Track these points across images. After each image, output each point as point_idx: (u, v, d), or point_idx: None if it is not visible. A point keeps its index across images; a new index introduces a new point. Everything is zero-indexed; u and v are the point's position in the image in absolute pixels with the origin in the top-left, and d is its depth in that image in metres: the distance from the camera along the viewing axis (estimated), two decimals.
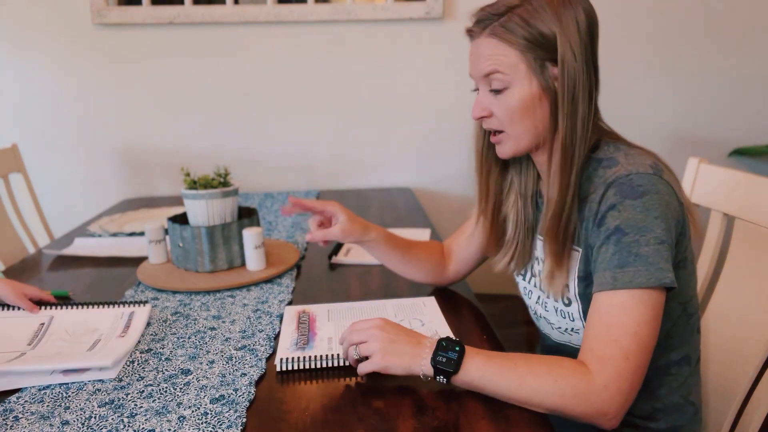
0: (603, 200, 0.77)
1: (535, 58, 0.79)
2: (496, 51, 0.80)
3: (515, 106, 0.81)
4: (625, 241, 0.74)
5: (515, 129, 0.83)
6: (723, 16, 2.04)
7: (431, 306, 1.02)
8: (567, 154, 0.80)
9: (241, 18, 1.92)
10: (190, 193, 1.17)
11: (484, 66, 0.82)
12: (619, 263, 0.73)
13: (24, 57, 1.92)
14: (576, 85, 0.78)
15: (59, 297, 1.12)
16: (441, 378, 0.74)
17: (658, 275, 0.72)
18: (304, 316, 0.98)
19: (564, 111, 0.79)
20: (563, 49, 0.78)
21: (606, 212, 0.76)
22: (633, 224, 0.74)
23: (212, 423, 0.69)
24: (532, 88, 0.80)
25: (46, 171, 2.01)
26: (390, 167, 2.10)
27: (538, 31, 0.78)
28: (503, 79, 0.81)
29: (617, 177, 0.77)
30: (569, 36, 0.78)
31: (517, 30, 0.79)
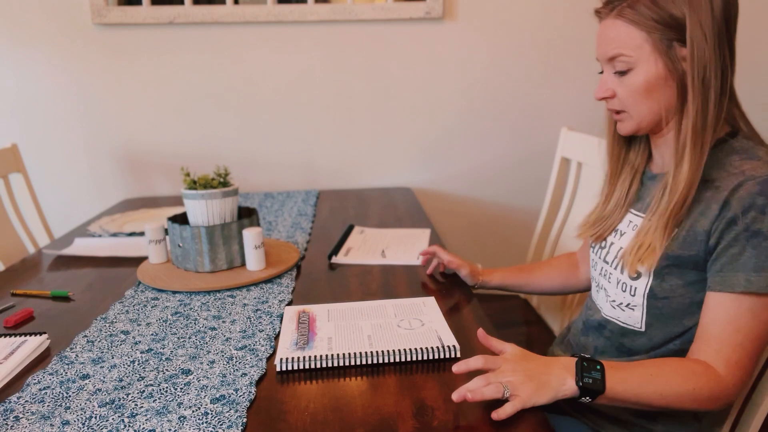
0: (739, 194, 0.76)
1: (662, 39, 0.79)
2: (622, 32, 0.82)
3: (639, 86, 0.82)
4: (765, 246, 0.74)
5: (637, 109, 0.85)
6: None
7: (431, 306, 1.02)
8: (698, 137, 0.79)
9: (241, 18, 1.92)
10: (190, 193, 1.17)
11: (609, 49, 0.84)
12: (755, 267, 0.74)
13: (24, 57, 1.92)
14: (707, 67, 0.78)
15: (59, 297, 1.12)
16: (586, 398, 0.74)
17: None
18: (304, 316, 0.98)
19: (694, 92, 0.79)
20: (693, 30, 0.77)
21: (748, 210, 0.75)
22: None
23: (213, 423, 0.70)
24: (658, 69, 0.81)
25: (46, 171, 2.01)
26: (390, 167, 2.10)
27: (667, 13, 0.78)
28: (627, 61, 0.82)
29: (764, 175, 0.75)
30: (700, 17, 0.77)
31: (645, 11, 0.79)
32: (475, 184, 2.12)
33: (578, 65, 2.05)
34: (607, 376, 0.74)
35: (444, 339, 0.88)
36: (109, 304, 1.08)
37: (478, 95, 2.04)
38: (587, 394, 0.73)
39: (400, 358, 0.83)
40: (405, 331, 0.91)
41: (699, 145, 0.79)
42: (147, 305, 1.07)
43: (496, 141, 2.08)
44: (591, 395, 0.73)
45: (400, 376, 0.80)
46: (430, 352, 0.84)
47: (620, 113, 0.88)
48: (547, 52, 2.03)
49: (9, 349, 0.89)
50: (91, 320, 1.01)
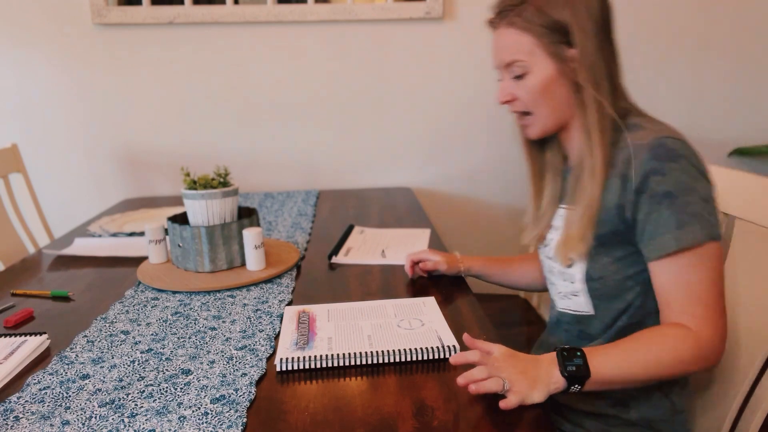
0: (634, 166, 0.81)
1: (551, 43, 0.86)
2: (514, 39, 0.88)
3: (537, 88, 0.88)
4: (679, 203, 0.78)
5: (539, 109, 0.90)
6: (723, 16, 2.04)
7: (431, 306, 1.02)
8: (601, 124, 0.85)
9: (241, 18, 1.92)
10: (190, 193, 1.17)
11: (505, 56, 0.90)
12: (678, 225, 0.77)
13: (24, 57, 1.92)
14: (595, 63, 0.85)
15: (59, 297, 1.12)
16: (575, 387, 0.74)
17: (712, 231, 0.77)
18: (304, 316, 0.98)
19: (588, 87, 0.85)
20: (577, 32, 0.84)
21: (647, 177, 0.80)
22: (682, 186, 0.78)
23: (213, 423, 0.70)
24: (551, 70, 0.87)
25: (46, 171, 2.01)
26: (390, 167, 2.10)
27: (552, 18, 0.85)
28: (523, 66, 0.88)
29: (650, 141, 0.81)
30: (581, 20, 0.84)
31: (532, 18, 0.86)
32: (475, 184, 2.12)
33: None
34: (589, 360, 0.75)
35: (444, 339, 0.88)
36: (109, 304, 1.08)
37: (478, 95, 2.04)
38: (574, 382, 0.73)
39: (400, 358, 0.83)
40: (405, 331, 0.91)
41: (604, 131, 0.86)
42: (147, 305, 1.07)
43: (496, 141, 2.08)
44: (578, 382, 0.74)
45: (400, 376, 0.80)
46: (430, 352, 0.84)
47: (525, 116, 0.93)
48: None
49: (9, 349, 0.89)
50: (91, 320, 1.01)
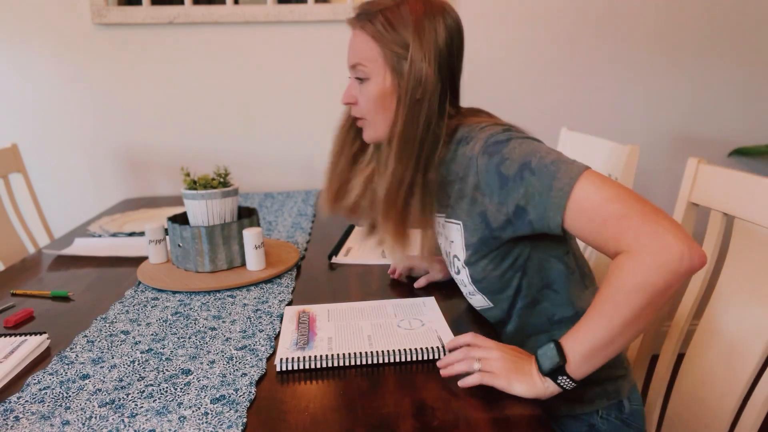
0: (481, 169, 0.84)
1: (393, 57, 0.88)
2: (363, 44, 0.91)
3: (373, 96, 0.91)
4: (534, 166, 0.78)
5: (373, 117, 0.93)
6: (723, 16, 2.04)
7: (431, 306, 1.02)
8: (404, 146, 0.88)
9: (241, 18, 1.92)
10: (190, 193, 1.17)
11: (353, 57, 0.94)
12: (549, 181, 0.76)
13: (24, 57, 1.92)
14: (419, 87, 0.87)
15: (59, 297, 1.12)
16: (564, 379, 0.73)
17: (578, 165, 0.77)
18: (304, 316, 0.98)
19: (403, 105, 0.88)
20: (413, 54, 0.86)
21: (498, 170, 0.81)
22: (525, 153, 0.80)
23: (213, 423, 0.70)
24: (386, 83, 0.90)
25: (46, 171, 2.01)
26: None
27: (397, 34, 0.88)
28: (365, 71, 0.91)
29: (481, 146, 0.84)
30: (424, 41, 0.86)
31: (381, 29, 0.89)
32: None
33: (578, 65, 2.05)
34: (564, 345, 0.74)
35: (444, 339, 0.88)
36: (109, 304, 1.08)
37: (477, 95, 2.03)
38: (558, 373, 0.73)
39: (400, 358, 0.83)
40: (405, 331, 0.91)
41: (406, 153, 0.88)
42: (147, 305, 1.07)
43: None
44: (560, 372, 0.73)
45: (400, 376, 0.80)
46: (430, 352, 0.84)
47: (360, 120, 0.96)
48: (546, 52, 2.03)
49: (9, 349, 0.89)
50: (91, 320, 1.01)
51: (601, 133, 1.95)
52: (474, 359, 0.76)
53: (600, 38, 2.04)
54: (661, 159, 2.15)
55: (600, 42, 2.04)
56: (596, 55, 2.05)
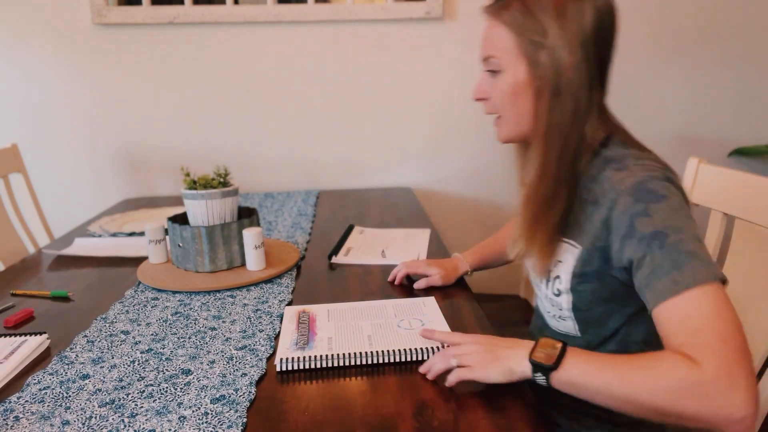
0: (618, 210, 0.76)
1: (529, 45, 0.80)
2: (496, 33, 0.83)
3: (506, 90, 0.84)
4: (670, 242, 0.70)
5: (507, 113, 0.86)
6: (723, 16, 2.04)
7: (431, 306, 1.02)
8: (549, 145, 0.80)
9: (241, 18, 1.92)
10: (190, 193, 1.17)
11: (485, 49, 0.86)
12: (674, 265, 0.69)
13: (24, 57, 1.92)
14: (563, 78, 0.78)
15: (58, 297, 1.12)
16: (541, 377, 0.70)
17: (714, 270, 0.68)
18: (304, 316, 0.98)
19: (546, 101, 0.80)
20: (554, 41, 0.78)
21: (633, 221, 0.74)
22: (670, 224, 0.71)
23: (213, 423, 0.70)
24: (522, 74, 0.82)
25: (46, 171, 2.01)
26: (390, 167, 2.10)
27: (536, 18, 0.79)
28: (497, 62, 0.84)
29: (632, 185, 0.75)
30: (566, 28, 0.77)
31: (517, 15, 0.80)
32: (475, 184, 2.12)
33: None
34: (566, 356, 0.70)
35: None
36: (109, 304, 1.08)
37: None
38: (539, 371, 0.70)
39: (400, 358, 0.83)
40: (405, 331, 0.91)
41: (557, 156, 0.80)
42: (147, 305, 1.07)
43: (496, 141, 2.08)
44: (543, 372, 0.70)
45: (400, 376, 0.80)
46: (430, 352, 0.84)
47: (497, 120, 0.90)
48: None
49: (9, 349, 0.89)
50: (91, 320, 1.01)
51: None
52: (450, 356, 0.77)
53: None
54: None
55: None
56: None
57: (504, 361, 0.73)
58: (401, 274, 1.14)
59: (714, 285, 0.67)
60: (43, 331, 0.97)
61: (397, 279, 1.14)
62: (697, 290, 0.67)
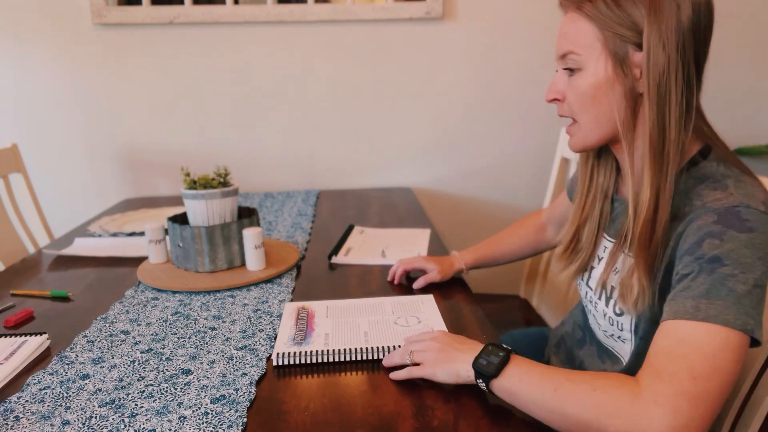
0: (696, 224, 0.68)
1: (616, 40, 0.72)
2: (577, 27, 0.75)
3: (585, 89, 0.75)
4: (722, 272, 0.64)
5: (584, 118, 0.78)
6: (723, 16, 2.04)
7: (429, 304, 1.02)
8: (657, 152, 0.71)
9: (241, 18, 1.92)
10: (190, 193, 1.17)
11: (563, 45, 0.77)
12: (707, 293, 0.64)
13: (24, 57, 1.92)
14: (664, 77, 0.70)
15: (58, 298, 1.12)
16: (481, 383, 0.71)
17: (746, 319, 0.62)
18: (303, 312, 0.99)
19: (650, 104, 0.71)
20: (650, 35, 0.69)
21: (703, 239, 0.67)
22: (735, 257, 0.64)
23: (213, 423, 0.70)
24: (607, 72, 0.74)
25: (46, 171, 2.01)
26: (390, 167, 2.10)
27: (625, 12, 0.71)
28: (576, 60, 0.76)
29: (724, 207, 0.67)
30: (662, 23, 0.69)
31: (603, 8, 0.72)
32: (475, 184, 2.12)
33: None
34: (508, 365, 0.69)
35: None
36: (109, 304, 1.08)
37: (478, 95, 2.04)
38: (480, 377, 0.71)
39: None
40: (401, 328, 0.92)
41: (659, 165, 0.72)
42: (147, 305, 1.07)
43: (497, 141, 2.08)
44: (484, 379, 0.70)
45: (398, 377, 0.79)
46: None
47: (570, 126, 0.82)
48: (547, 52, 2.03)
49: (10, 350, 0.89)
50: (91, 320, 1.01)
51: None
52: (407, 352, 0.79)
53: None
54: None
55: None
56: None
57: (453, 363, 0.74)
58: (400, 272, 1.14)
59: (735, 334, 0.61)
60: (43, 331, 0.97)
61: (396, 278, 1.14)
62: (713, 327, 0.62)
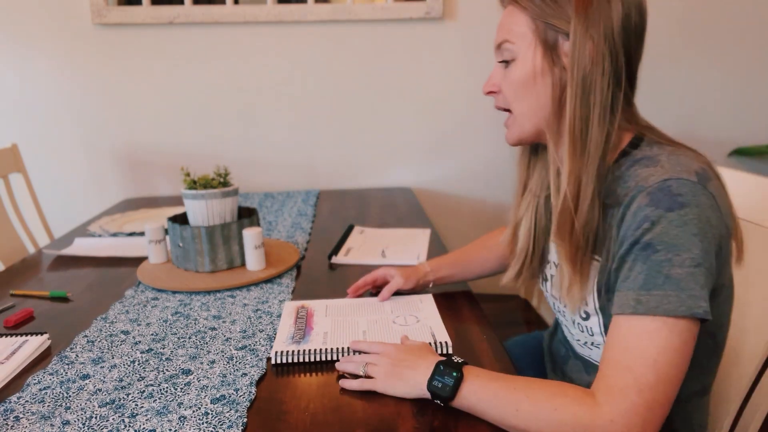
0: (633, 207, 0.68)
1: (547, 30, 0.73)
2: (512, 17, 0.77)
3: (518, 79, 0.77)
4: (656, 259, 0.64)
5: (518, 108, 0.79)
6: (723, 15, 2.04)
7: (427, 302, 1.02)
8: (577, 143, 0.72)
9: (241, 18, 1.92)
10: (190, 193, 1.17)
11: (498, 35, 0.79)
12: (645, 284, 0.64)
13: (24, 57, 1.92)
14: (589, 68, 0.70)
15: (57, 298, 1.12)
16: (439, 402, 0.71)
17: (690, 303, 0.62)
18: (302, 311, 0.99)
19: (572, 96, 0.71)
20: (577, 27, 0.70)
21: (637, 224, 0.67)
22: (667, 241, 0.64)
23: (213, 423, 0.70)
24: (536, 61, 0.75)
25: (46, 171, 2.01)
26: (390, 167, 2.10)
27: (557, 6, 0.73)
28: (511, 49, 0.77)
29: (657, 183, 0.67)
30: (591, 15, 0.70)
31: (537, 1, 0.74)
32: (475, 184, 2.12)
33: None
34: (463, 384, 0.69)
35: (437, 335, 0.89)
36: (109, 304, 1.08)
37: (478, 95, 2.04)
38: (436, 398, 0.71)
39: None
40: (400, 327, 0.92)
41: (581, 157, 0.71)
42: (147, 305, 1.07)
43: (497, 141, 2.08)
44: (441, 401, 0.70)
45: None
46: None
47: (507, 118, 0.82)
48: None
49: (10, 349, 0.89)
50: (91, 320, 1.01)
51: None
52: (362, 363, 0.78)
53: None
54: None
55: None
56: None
57: (406, 381, 0.74)
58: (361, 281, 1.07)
59: (681, 322, 0.63)
60: (43, 331, 0.97)
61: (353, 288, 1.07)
62: (655, 321, 0.63)
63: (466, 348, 0.87)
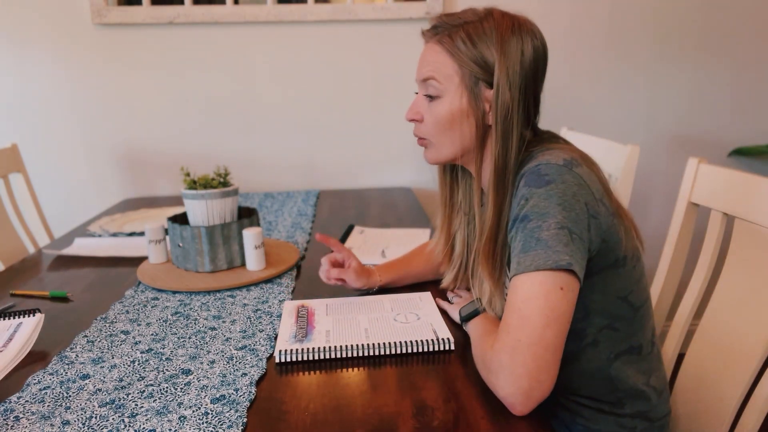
0: (516, 194, 0.80)
1: (471, 76, 0.82)
2: (438, 59, 0.85)
3: (443, 116, 0.85)
4: (529, 227, 0.75)
5: (439, 138, 0.88)
6: (722, 15, 2.04)
7: (427, 300, 1.03)
8: (500, 179, 0.82)
9: (241, 18, 1.92)
10: (190, 193, 1.17)
11: (424, 70, 0.87)
12: (522, 249, 0.75)
13: (24, 57, 1.92)
14: (509, 113, 0.81)
15: (57, 298, 1.12)
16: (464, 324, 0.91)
17: (555, 257, 0.72)
18: (303, 310, 0.99)
19: (496, 136, 0.82)
20: (500, 76, 0.80)
21: (519, 201, 0.78)
22: (536, 211, 0.75)
23: (213, 423, 0.70)
24: (462, 103, 0.84)
25: (46, 171, 2.01)
26: (390, 167, 2.10)
27: (479, 52, 0.81)
28: (437, 87, 0.85)
29: (529, 169, 0.79)
30: (509, 65, 0.80)
31: (461, 45, 0.82)
32: None
33: (578, 65, 2.05)
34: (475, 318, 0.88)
35: (438, 332, 0.90)
36: (109, 304, 1.08)
37: None
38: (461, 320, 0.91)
39: (395, 351, 0.85)
40: (401, 325, 0.92)
41: (502, 188, 0.83)
42: (147, 305, 1.07)
43: None
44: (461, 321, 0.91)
45: (401, 376, 0.80)
46: (425, 344, 0.86)
47: (423, 140, 0.91)
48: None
49: (7, 335, 0.90)
50: (91, 320, 1.01)
51: (601, 133, 1.95)
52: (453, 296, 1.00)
53: (600, 38, 2.04)
54: (661, 159, 2.15)
55: (600, 42, 2.04)
56: (597, 56, 2.05)
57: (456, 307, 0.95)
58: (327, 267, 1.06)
59: (550, 274, 0.72)
60: (36, 309, 0.98)
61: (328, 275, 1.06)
62: (529, 276, 0.73)
63: (465, 345, 0.87)
